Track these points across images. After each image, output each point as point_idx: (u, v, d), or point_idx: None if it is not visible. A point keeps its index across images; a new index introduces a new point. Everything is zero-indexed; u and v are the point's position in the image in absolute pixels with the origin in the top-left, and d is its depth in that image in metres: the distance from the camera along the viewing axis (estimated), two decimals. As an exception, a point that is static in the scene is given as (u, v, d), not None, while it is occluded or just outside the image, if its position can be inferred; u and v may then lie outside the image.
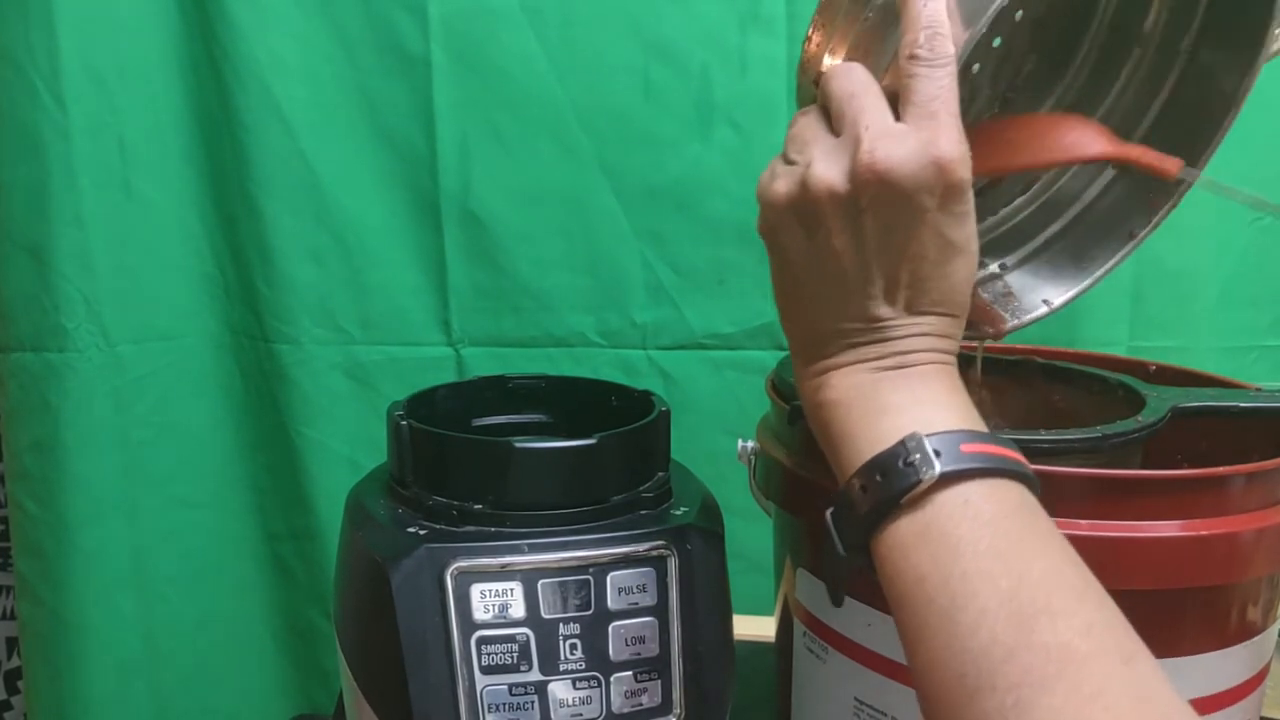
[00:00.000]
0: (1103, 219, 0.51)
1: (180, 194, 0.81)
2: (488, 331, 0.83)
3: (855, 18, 0.40)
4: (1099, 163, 0.45)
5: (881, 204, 0.34)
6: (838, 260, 0.36)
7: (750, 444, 0.54)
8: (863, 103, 0.35)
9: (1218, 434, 0.50)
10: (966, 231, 0.36)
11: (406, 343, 0.83)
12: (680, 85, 0.78)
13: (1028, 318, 0.50)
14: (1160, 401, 0.48)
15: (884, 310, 0.36)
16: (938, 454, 0.33)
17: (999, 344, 0.62)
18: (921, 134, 0.34)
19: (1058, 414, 0.57)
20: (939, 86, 0.34)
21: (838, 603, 0.39)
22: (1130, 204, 0.51)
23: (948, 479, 0.33)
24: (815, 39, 0.43)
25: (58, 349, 0.78)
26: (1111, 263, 0.51)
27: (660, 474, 0.50)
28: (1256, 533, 0.40)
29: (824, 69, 0.41)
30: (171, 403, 0.83)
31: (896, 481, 0.33)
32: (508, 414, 0.57)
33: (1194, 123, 0.48)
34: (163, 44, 0.78)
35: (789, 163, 0.38)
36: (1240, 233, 0.78)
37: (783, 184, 0.37)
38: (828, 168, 0.35)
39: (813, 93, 0.41)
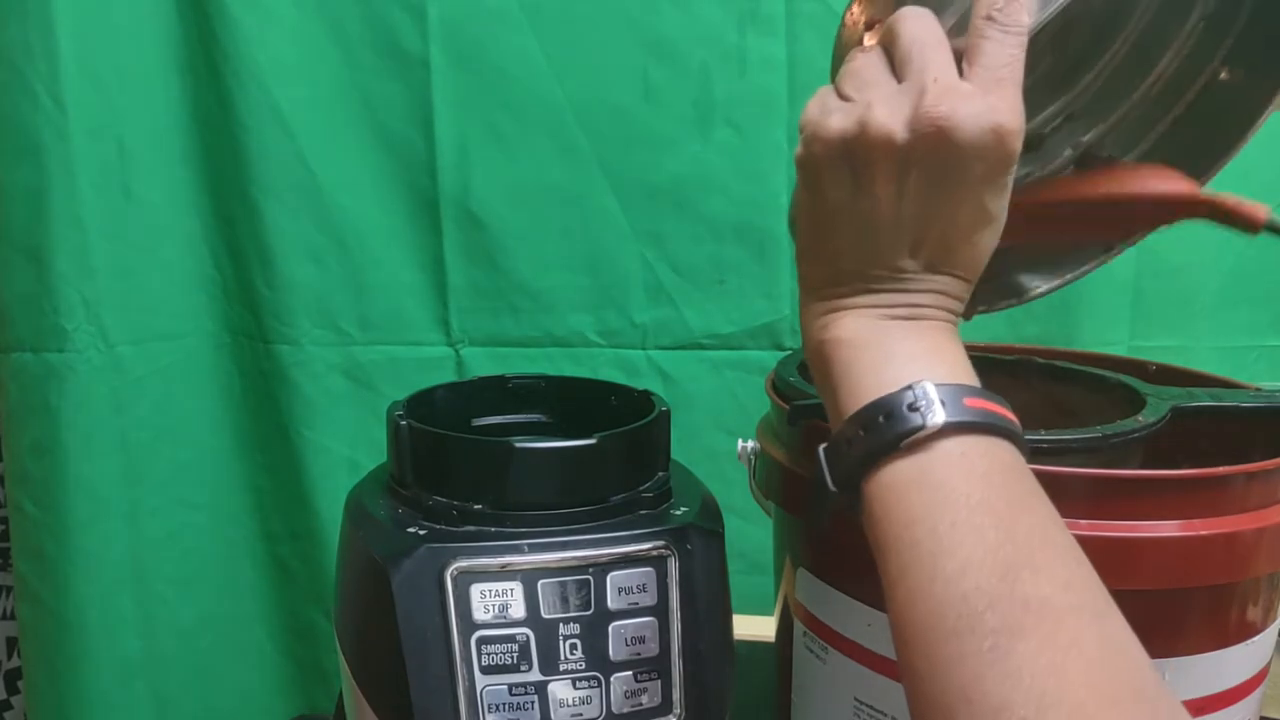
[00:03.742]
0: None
1: (179, 195, 0.81)
2: (487, 331, 0.83)
3: None
4: (1179, 207, 0.44)
5: (933, 160, 0.34)
6: (875, 207, 0.36)
7: (750, 444, 0.54)
8: (932, 53, 0.35)
9: (1218, 434, 0.50)
10: (1002, 203, 0.36)
11: (406, 343, 0.83)
12: (679, 85, 0.78)
13: (1000, 304, 0.51)
14: (1160, 401, 0.48)
15: (907, 262, 0.37)
16: (943, 403, 0.33)
17: (999, 343, 0.62)
18: (988, 98, 0.34)
19: (1058, 414, 0.57)
20: (1010, 54, 0.34)
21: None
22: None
23: (949, 429, 0.33)
24: (855, 9, 0.43)
25: (57, 350, 0.78)
26: (1090, 265, 0.51)
27: (660, 474, 0.50)
28: (1256, 532, 0.40)
29: (867, 38, 0.41)
30: (171, 404, 0.83)
31: (899, 424, 0.34)
32: (507, 414, 0.57)
33: (1202, 143, 0.48)
34: (161, 46, 0.78)
35: (843, 98, 0.37)
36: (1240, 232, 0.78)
37: (838, 121, 0.36)
38: (889, 114, 0.35)
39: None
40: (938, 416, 0.33)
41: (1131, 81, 0.50)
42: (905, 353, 0.36)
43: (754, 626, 0.65)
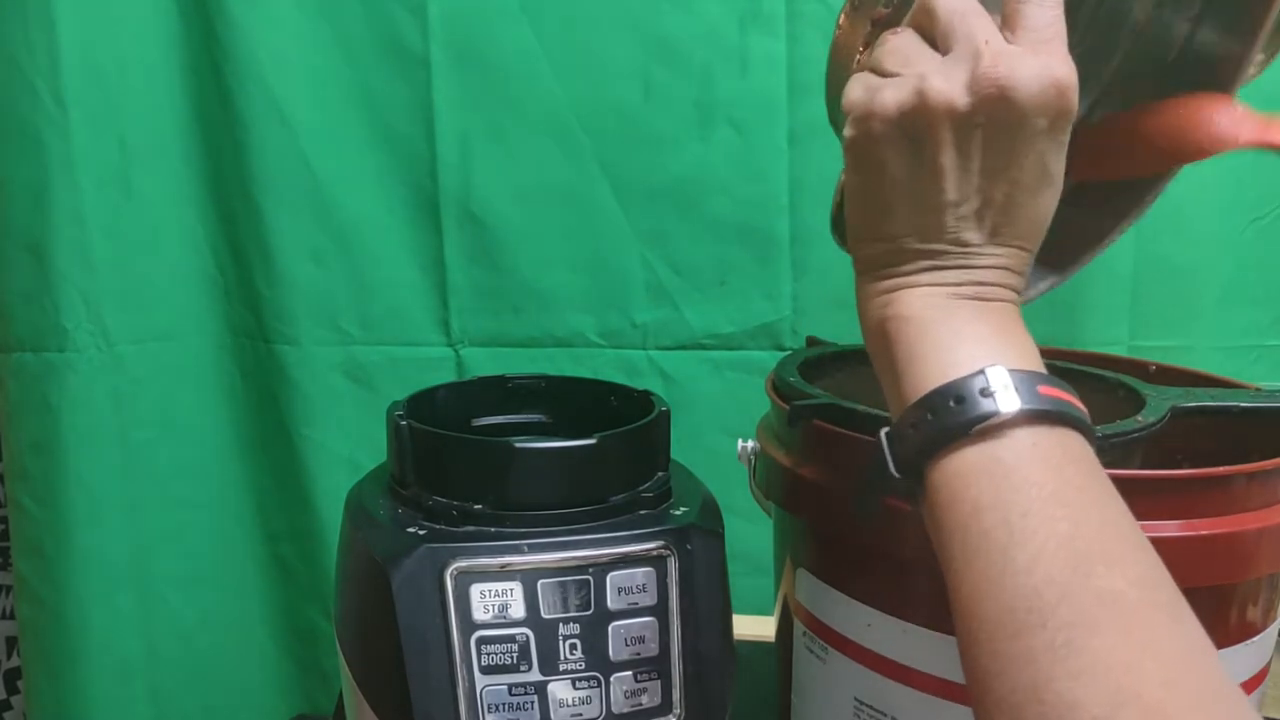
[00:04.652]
0: (1075, 219, 0.51)
1: (180, 193, 0.81)
2: (488, 331, 0.83)
3: None
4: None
5: (997, 121, 0.34)
6: (939, 177, 0.36)
7: (750, 444, 0.54)
8: (975, 20, 0.35)
9: (1218, 434, 0.50)
10: (1061, 163, 0.36)
11: (406, 343, 0.83)
12: (680, 84, 0.78)
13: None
14: (1160, 401, 0.48)
15: (972, 234, 0.36)
16: (1017, 390, 0.33)
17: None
18: (1040, 57, 0.34)
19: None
20: (1052, 14, 0.35)
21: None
22: (1100, 207, 0.51)
23: (1023, 417, 0.32)
24: (849, 10, 0.43)
25: (57, 349, 0.78)
26: (1081, 261, 0.51)
27: (660, 474, 0.50)
28: (1257, 532, 0.40)
29: (863, 48, 0.40)
30: (171, 403, 0.83)
31: (971, 409, 0.33)
32: (508, 414, 0.57)
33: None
34: (163, 43, 0.78)
35: (888, 76, 0.37)
36: (1241, 232, 0.78)
37: (892, 94, 0.36)
38: (946, 81, 0.35)
39: (844, 78, 0.41)
40: (1012, 404, 0.32)
41: (1105, 56, 0.50)
42: (975, 335, 0.35)
43: (754, 626, 0.65)
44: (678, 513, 0.47)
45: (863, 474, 0.37)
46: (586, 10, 0.77)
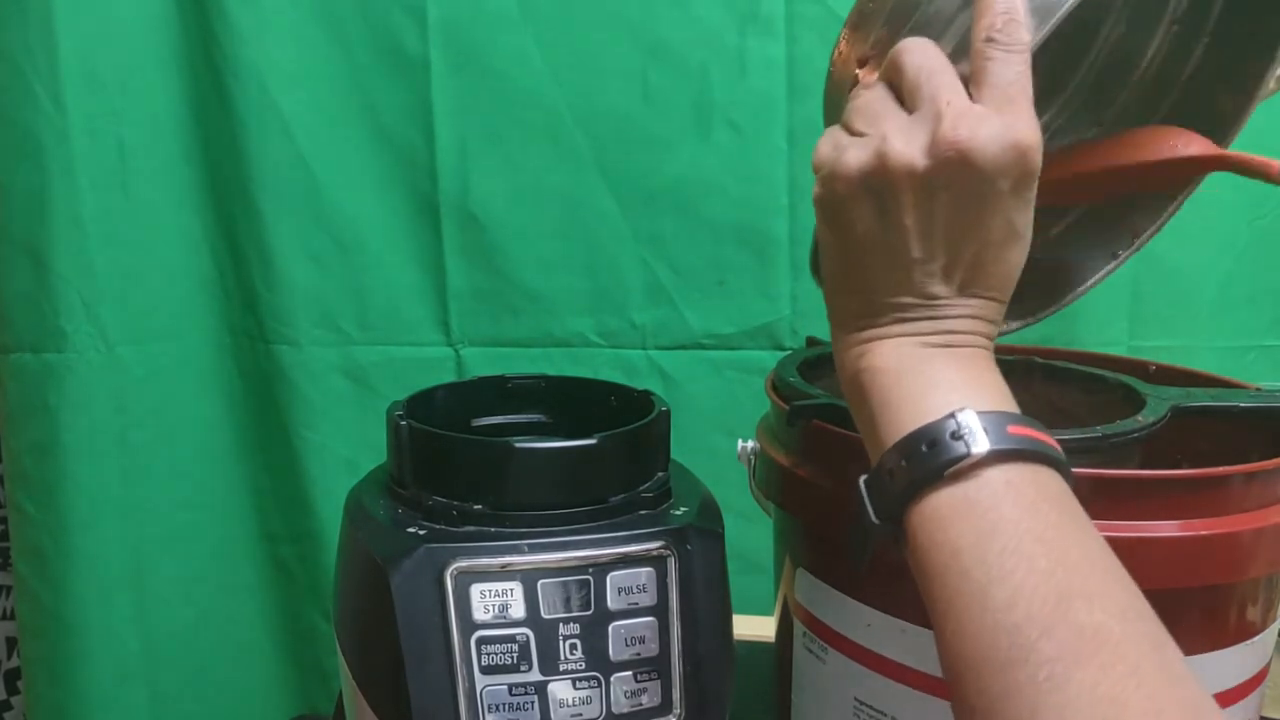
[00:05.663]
0: (1086, 240, 0.52)
1: (179, 195, 0.81)
2: (487, 332, 0.83)
3: (903, 21, 0.40)
4: (1202, 166, 0.46)
5: (959, 183, 0.34)
6: (903, 236, 0.36)
7: (750, 444, 0.54)
8: (942, 80, 0.35)
9: (1218, 434, 0.50)
10: (1028, 219, 0.36)
11: (406, 343, 0.83)
12: (679, 86, 0.78)
13: (1043, 313, 0.52)
14: (1160, 401, 0.48)
15: (940, 288, 0.37)
16: (986, 431, 0.33)
17: (999, 344, 0.62)
18: (1003, 116, 0.34)
19: (1058, 414, 0.57)
20: (1016, 72, 0.35)
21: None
22: (1113, 226, 0.51)
23: (994, 457, 0.33)
24: (843, 47, 0.43)
25: (56, 350, 0.78)
26: (1091, 281, 0.52)
27: (660, 474, 0.50)
28: (1256, 533, 0.40)
29: (862, 75, 0.41)
30: (171, 404, 0.83)
31: (943, 453, 0.33)
32: (507, 414, 0.57)
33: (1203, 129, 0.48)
34: (162, 46, 0.78)
35: (855, 134, 0.37)
36: (1240, 232, 0.78)
37: (855, 156, 0.36)
38: (906, 143, 0.35)
39: (835, 116, 0.41)
40: (982, 445, 0.33)
41: (1110, 93, 0.51)
42: (946, 381, 0.36)
43: (754, 626, 0.65)
44: (677, 513, 0.47)
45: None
46: (584, 13, 0.78)
